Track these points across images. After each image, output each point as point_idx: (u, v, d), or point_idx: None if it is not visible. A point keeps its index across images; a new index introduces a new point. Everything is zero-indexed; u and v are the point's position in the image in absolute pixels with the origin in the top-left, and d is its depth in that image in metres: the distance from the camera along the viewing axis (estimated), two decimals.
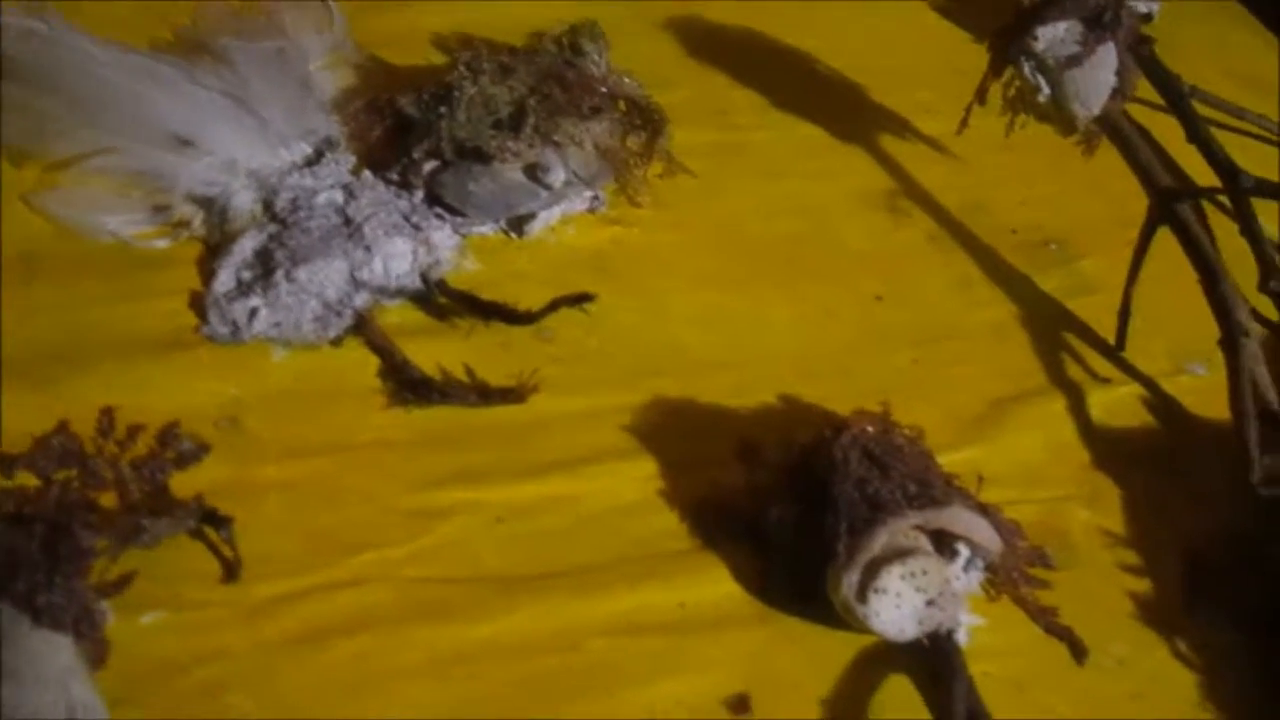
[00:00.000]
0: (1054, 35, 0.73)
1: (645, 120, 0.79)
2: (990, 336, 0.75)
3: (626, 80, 0.79)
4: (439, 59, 0.83)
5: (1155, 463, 0.70)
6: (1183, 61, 1.02)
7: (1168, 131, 0.90)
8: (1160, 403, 0.74)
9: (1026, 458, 0.68)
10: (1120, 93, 0.75)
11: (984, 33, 0.85)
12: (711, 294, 0.73)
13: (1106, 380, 0.74)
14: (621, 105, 0.79)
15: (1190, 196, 0.71)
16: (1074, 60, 0.73)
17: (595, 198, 0.75)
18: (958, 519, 0.56)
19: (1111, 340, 0.77)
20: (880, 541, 0.55)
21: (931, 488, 0.57)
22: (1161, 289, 0.77)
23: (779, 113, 0.87)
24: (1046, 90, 0.74)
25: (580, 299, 0.64)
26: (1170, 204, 0.72)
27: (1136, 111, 0.97)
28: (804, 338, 0.72)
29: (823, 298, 0.74)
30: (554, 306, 0.65)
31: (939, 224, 0.82)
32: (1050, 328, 0.77)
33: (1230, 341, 0.68)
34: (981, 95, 0.79)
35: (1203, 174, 0.80)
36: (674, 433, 0.65)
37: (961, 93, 0.83)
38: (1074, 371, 0.74)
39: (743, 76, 0.89)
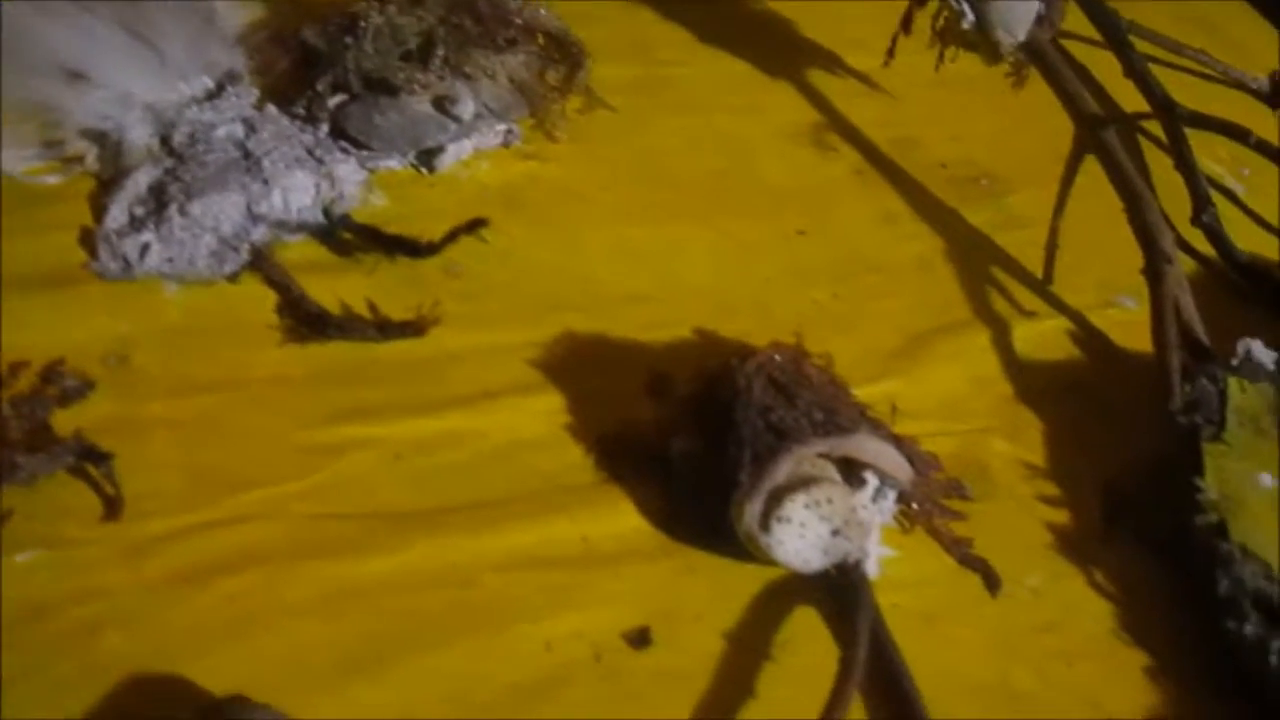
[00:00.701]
0: None
1: (564, 54, 0.77)
2: (914, 270, 0.74)
3: (544, 13, 0.77)
4: None
5: (1079, 395, 0.68)
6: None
7: (1108, 68, 0.90)
8: (1087, 335, 0.72)
9: (947, 390, 0.67)
10: (1047, 20, 0.74)
11: None
12: (628, 229, 0.71)
13: (1033, 314, 0.73)
14: (540, 39, 0.77)
15: (1115, 123, 0.70)
16: None
17: (509, 132, 0.73)
18: (864, 447, 0.55)
19: (1040, 274, 0.76)
20: (784, 470, 0.53)
21: (838, 415, 0.55)
22: (1094, 224, 0.76)
23: (705, 48, 0.85)
24: (971, 17, 0.73)
25: (475, 224, 0.62)
26: (1096, 131, 0.70)
27: (1075, 48, 0.97)
28: (721, 272, 0.70)
29: (743, 233, 0.73)
30: (453, 236, 0.63)
31: (866, 159, 0.81)
32: (977, 262, 0.75)
33: (1153, 269, 0.67)
34: (906, 24, 0.77)
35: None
36: (583, 367, 0.63)
37: (895, 28, 0.81)
38: (1000, 305, 0.73)
39: (669, 12, 0.87)
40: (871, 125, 0.83)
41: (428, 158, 0.71)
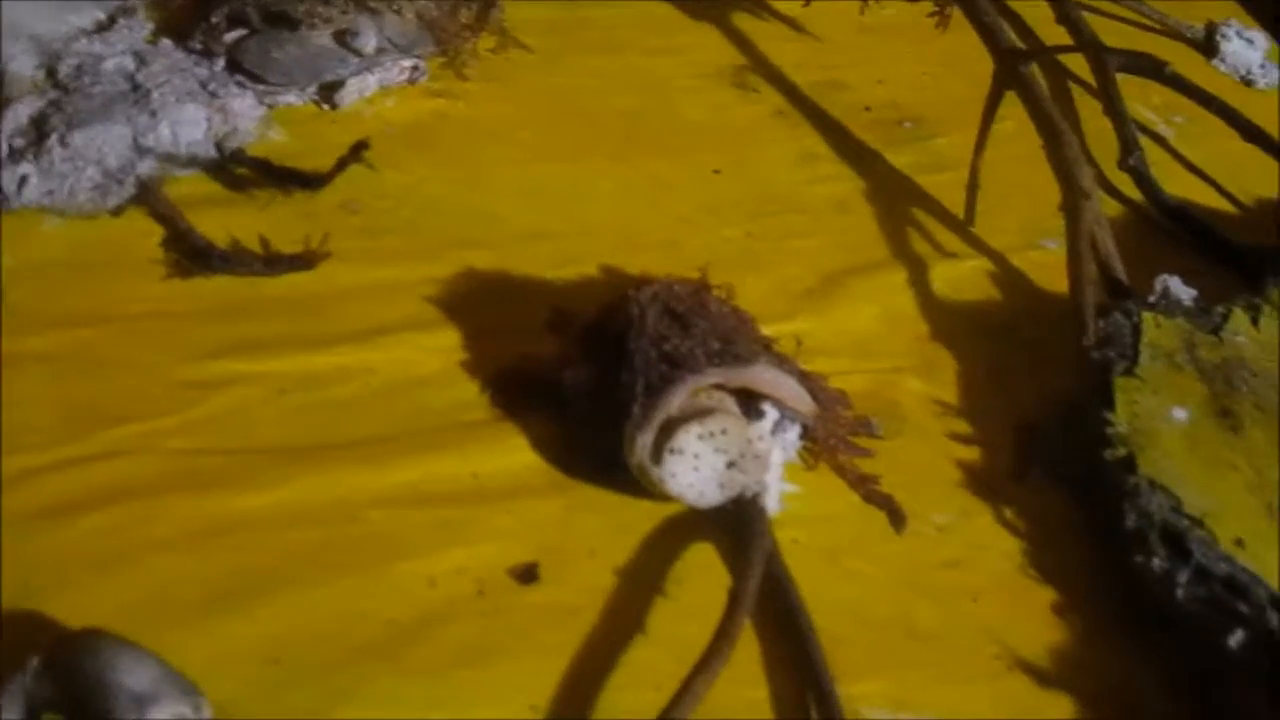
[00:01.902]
0: None
1: None
2: (832, 211, 0.72)
3: None
4: None
5: (995, 334, 0.67)
6: None
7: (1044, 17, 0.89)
8: (1007, 276, 0.71)
9: (860, 329, 0.65)
10: None
11: None
12: (537, 166, 0.69)
13: (953, 254, 0.71)
14: None
15: (1033, 56, 0.68)
16: None
17: (415, 68, 0.71)
18: (761, 377, 0.53)
19: (962, 216, 0.75)
20: (677, 400, 0.52)
21: (735, 346, 0.53)
22: (1020, 166, 0.74)
23: None
24: None
25: (358, 148, 0.60)
26: (1015, 66, 0.69)
27: None
28: (631, 210, 0.68)
29: (656, 171, 0.71)
30: (341, 165, 0.61)
31: (789, 100, 0.79)
32: (898, 203, 0.74)
33: (1071, 205, 0.65)
34: None
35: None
36: (483, 304, 0.61)
37: None
38: (919, 246, 0.71)
39: None
40: (795, 68, 0.81)
41: (329, 93, 0.68)
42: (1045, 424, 0.62)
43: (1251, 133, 0.81)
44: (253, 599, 0.48)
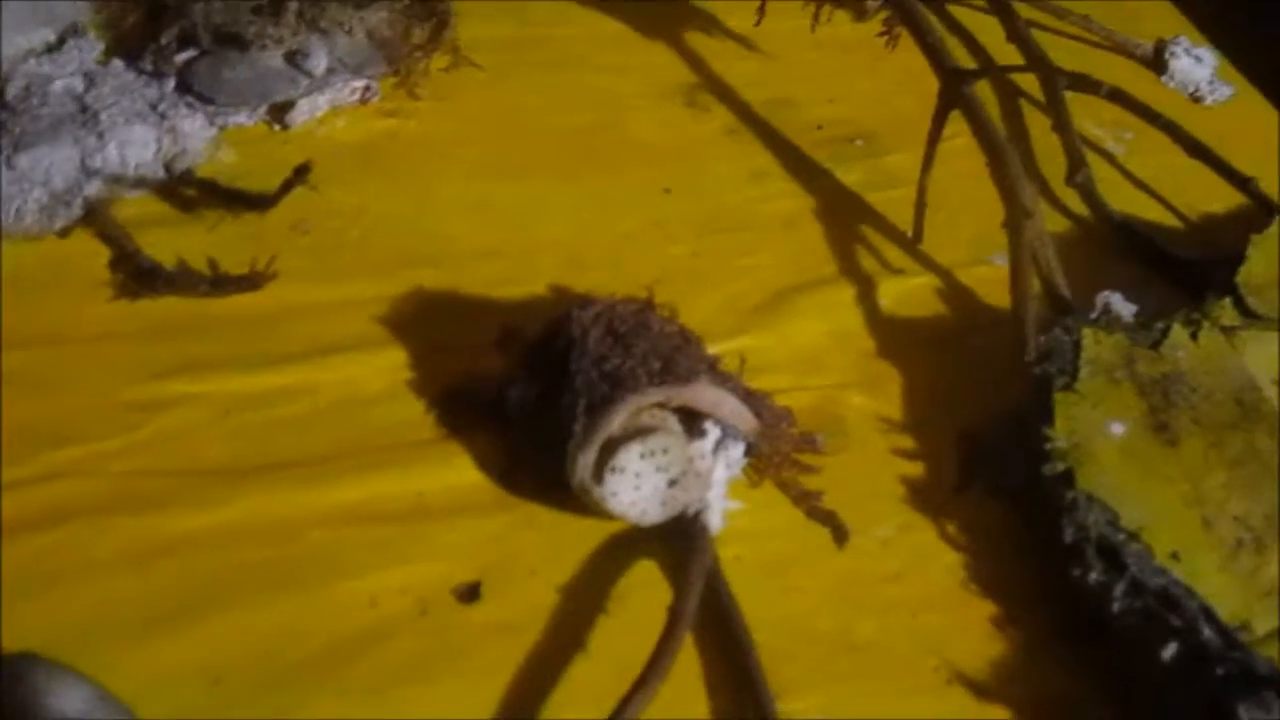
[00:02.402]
0: None
1: (430, 12, 0.76)
2: (781, 228, 0.73)
3: None
4: None
5: (941, 349, 0.67)
6: None
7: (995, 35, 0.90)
8: (954, 292, 0.72)
9: (806, 345, 0.66)
10: None
11: None
12: (487, 185, 0.70)
13: (900, 271, 0.72)
14: None
15: (977, 76, 0.69)
16: None
17: (367, 88, 0.71)
18: (701, 396, 0.53)
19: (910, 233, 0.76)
20: (618, 419, 0.52)
21: (676, 365, 0.54)
22: (970, 183, 0.74)
23: (580, 9, 0.84)
24: None
25: (300, 171, 0.61)
26: (959, 86, 0.70)
27: (961, 14, 0.96)
28: (580, 228, 0.69)
29: (606, 189, 0.71)
30: (285, 188, 0.61)
31: (739, 118, 0.79)
32: (847, 220, 0.74)
33: (1013, 222, 0.66)
34: None
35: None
36: (430, 323, 0.62)
37: None
38: (867, 263, 0.72)
39: None
40: (747, 86, 0.82)
41: (280, 113, 0.69)
42: (988, 438, 0.63)
43: (1196, 149, 0.82)
44: (193, 619, 0.49)
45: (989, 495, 0.61)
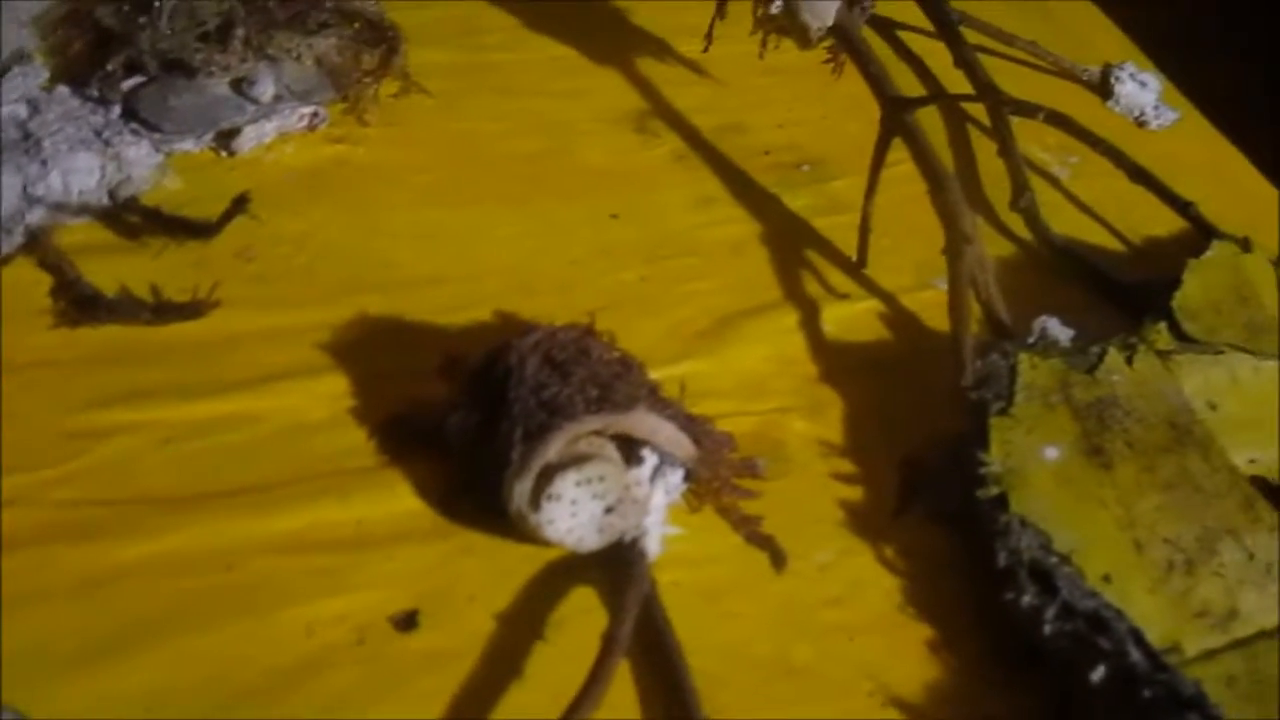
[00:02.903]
0: None
1: (380, 39, 0.76)
2: (727, 254, 0.73)
3: None
4: None
5: (883, 373, 0.68)
6: None
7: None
8: (898, 316, 0.73)
9: (749, 370, 0.66)
10: (858, 4, 0.74)
11: None
12: (434, 211, 0.70)
13: (845, 296, 0.73)
14: (356, 23, 0.76)
15: (917, 104, 0.70)
16: None
17: (315, 115, 0.72)
18: (639, 423, 0.54)
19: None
20: (555, 447, 0.53)
21: (613, 392, 0.54)
22: (915, 207, 0.75)
23: (531, 34, 0.85)
24: (779, 1, 0.73)
25: (240, 201, 0.61)
26: (900, 113, 0.71)
27: (910, 38, 0.98)
28: (526, 254, 0.69)
29: (554, 215, 0.72)
30: (226, 218, 0.61)
31: (689, 144, 0.80)
32: (793, 245, 0.75)
33: (953, 249, 0.67)
34: (721, 9, 0.78)
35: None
36: (374, 350, 0.62)
37: (733, 15, 0.81)
38: (812, 287, 0.73)
39: None
40: (697, 111, 0.83)
41: (226, 140, 0.69)
42: (926, 462, 0.64)
43: (1137, 173, 0.84)
44: (130, 649, 0.49)
45: (928, 520, 0.61)
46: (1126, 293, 0.78)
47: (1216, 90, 1.11)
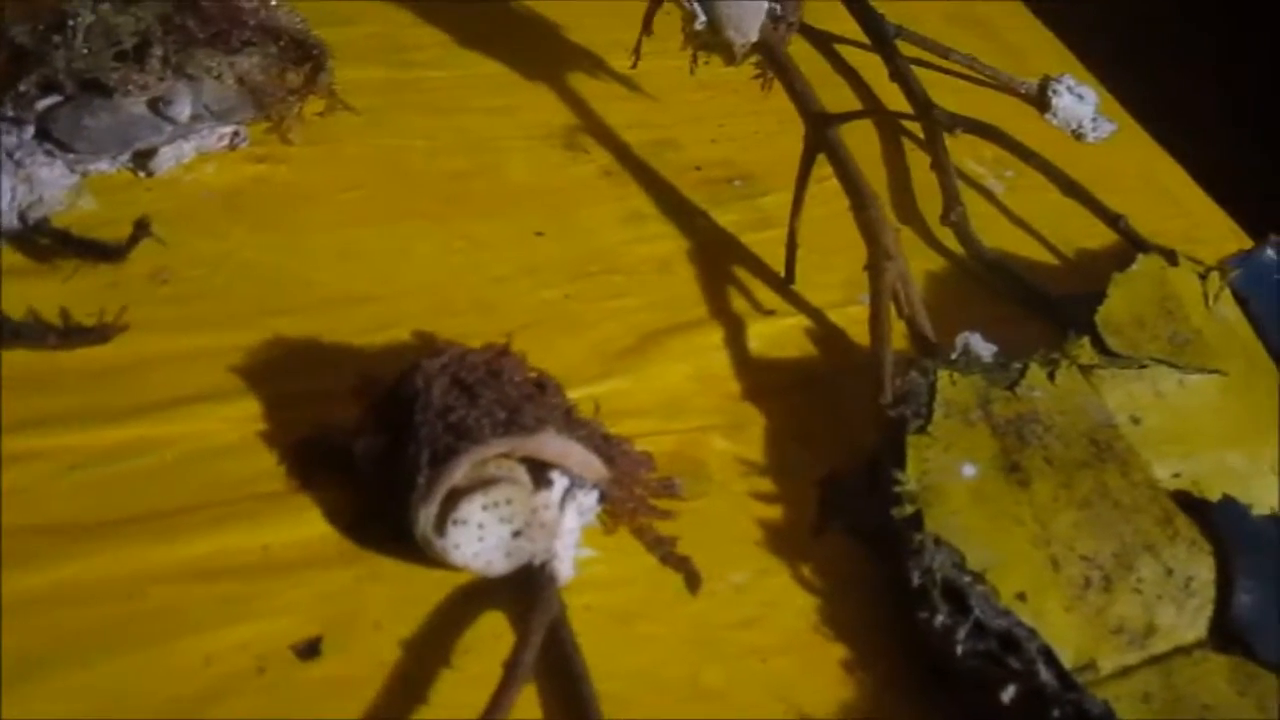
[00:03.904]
0: None
1: (305, 56, 0.76)
2: (654, 271, 0.73)
3: (283, 14, 0.75)
4: None
5: (808, 390, 0.68)
6: (901, 2, 1.04)
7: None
8: (824, 332, 0.73)
9: (671, 389, 0.66)
10: (783, 20, 0.74)
11: None
12: (355, 230, 0.69)
13: (772, 312, 0.73)
14: (281, 40, 0.75)
15: (841, 119, 0.70)
16: None
17: (235, 134, 0.71)
18: (546, 446, 0.54)
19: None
20: (460, 471, 0.52)
21: (521, 415, 0.54)
22: (843, 222, 0.75)
23: (462, 50, 0.84)
24: (703, 17, 0.73)
25: (139, 227, 0.60)
26: (823, 129, 0.71)
27: (847, 51, 0.98)
28: (449, 272, 0.68)
29: (477, 233, 0.71)
30: (132, 240, 0.61)
31: (619, 160, 0.80)
32: (721, 262, 0.75)
33: (875, 266, 0.67)
34: (647, 24, 0.77)
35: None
36: (289, 372, 0.61)
37: (666, 31, 0.81)
38: (739, 304, 0.73)
39: (428, 13, 0.86)
40: (628, 127, 0.83)
41: (144, 160, 0.68)
42: (845, 480, 0.63)
43: (1069, 186, 0.84)
44: (26, 683, 0.48)
45: (847, 538, 0.62)
46: (1056, 306, 0.79)
47: (1167, 97, 1.12)
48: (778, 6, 0.73)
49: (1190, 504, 0.65)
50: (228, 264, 0.66)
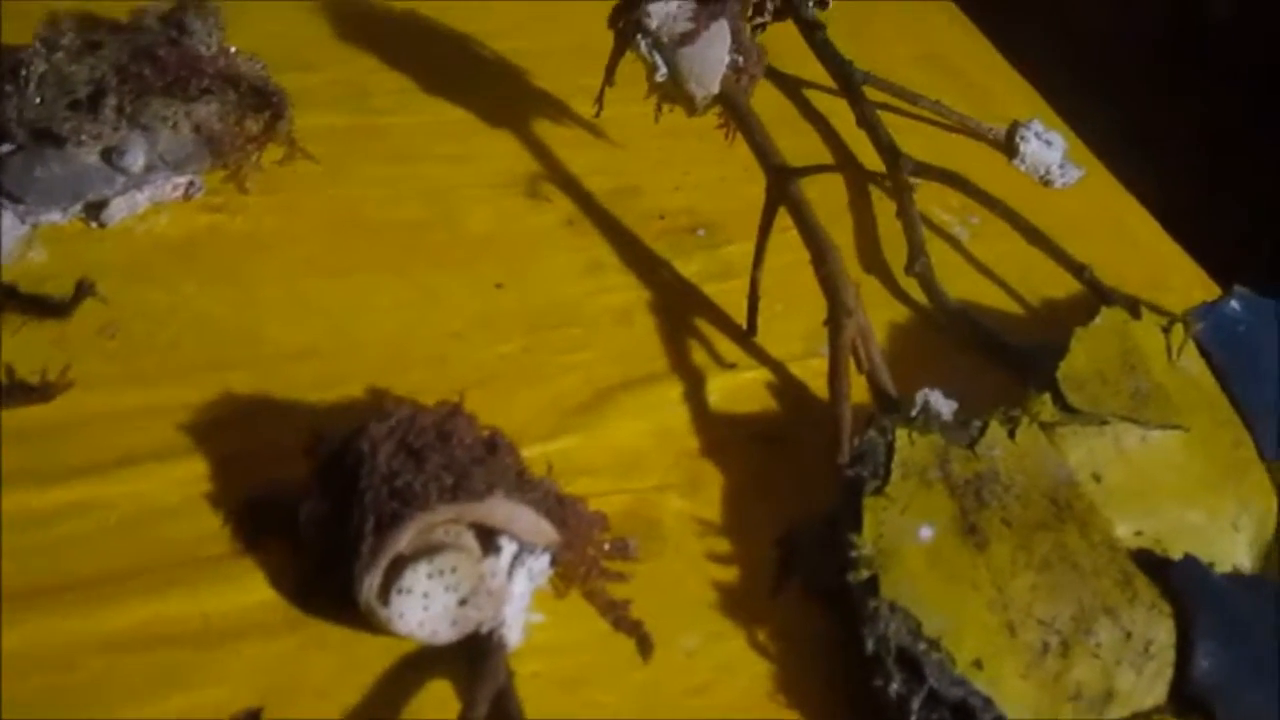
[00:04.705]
0: (666, 12, 0.71)
1: (264, 104, 0.75)
2: (614, 323, 0.72)
3: (243, 61, 0.75)
4: None
5: (765, 445, 0.67)
6: (871, 45, 1.04)
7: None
8: (785, 385, 0.72)
9: (627, 446, 0.65)
10: (746, 72, 0.73)
11: None
12: (309, 282, 0.68)
13: (732, 365, 0.72)
14: (240, 88, 0.75)
15: (800, 174, 0.70)
16: (687, 38, 0.71)
17: (191, 184, 0.70)
18: (494, 512, 0.53)
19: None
20: (405, 538, 0.51)
21: (470, 479, 0.53)
22: (805, 273, 0.74)
23: (424, 96, 0.84)
24: (664, 69, 0.72)
25: (81, 286, 0.59)
26: (784, 183, 0.70)
27: (815, 96, 0.98)
28: (404, 326, 0.68)
29: (434, 285, 0.71)
30: (76, 300, 0.60)
31: (581, 209, 0.79)
32: (682, 313, 0.75)
33: (834, 321, 0.67)
34: (609, 75, 0.77)
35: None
36: (236, 430, 0.60)
37: (632, 77, 0.81)
38: (699, 356, 0.72)
39: (392, 59, 0.86)
40: (592, 174, 0.82)
41: (96, 211, 0.67)
42: (803, 541, 0.63)
43: (1034, 235, 0.84)
44: None
45: (803, 598, 0.61)
46: (1019, 357, 0.78)
47: (1138, 132, 1.12)
48: (739, 58, 0.72)
49: (1151, 563, 0.65)
50: (177, 317, 0.65)
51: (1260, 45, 1.24)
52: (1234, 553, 0.69)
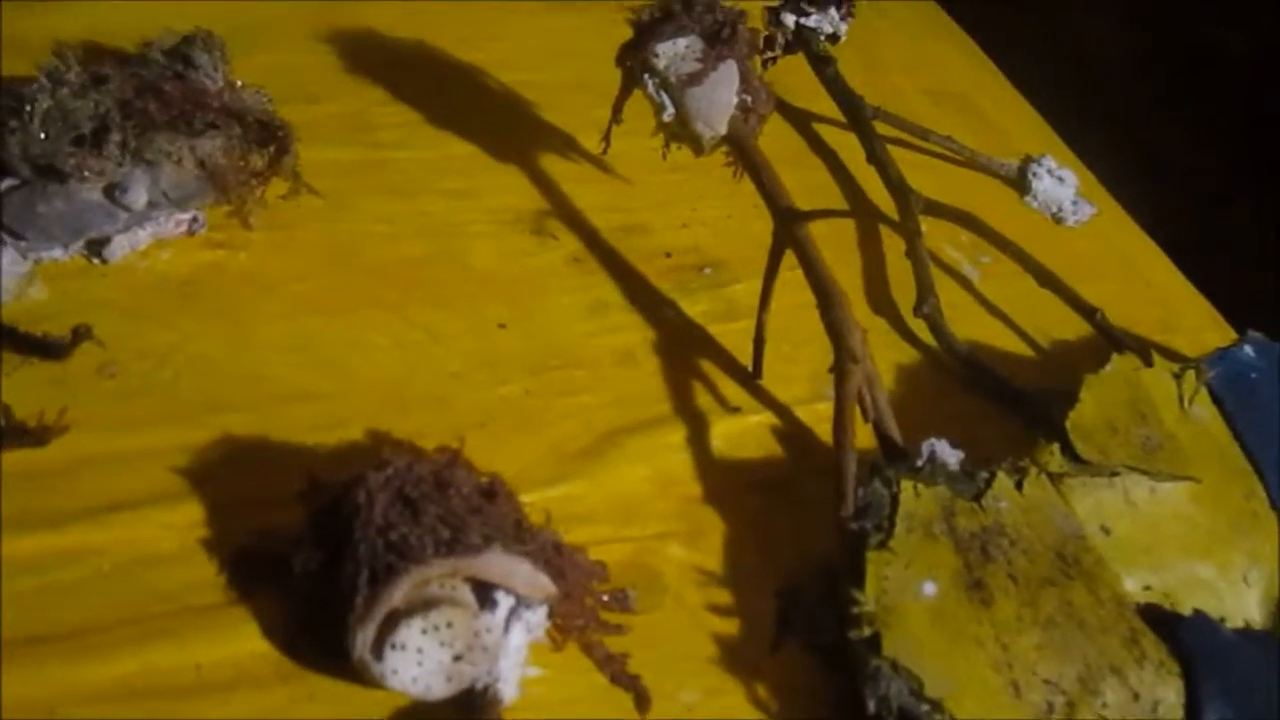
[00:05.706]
0: (674, 52, 0.71)
1: (270, 138, 0.74)
2: (617, 364, 0.71)
3: (248, 95, 0.74)
4: None
5: (769, 492, 0.67)
6: (882, 79, 1.03)
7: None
8: (790, 430, 0.71)
9: (628, 493, 0.64)
10: (754, 112, 0.73)
11: None
12: (310, 320, 0.68)
13: (737, 409, 0.71)
14: (245, 122, 0.74)
15: (807, 217, 0.69)
16: (694, 78, 0.70)
17: (194, 220, 0.70)
18: (490, 567, 0.52)
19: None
20: (399, 592, 0.51)
21: (467, 533, 0.52)
22: (812, 314, 0.73)
23: (431, 129, 0.83)
24: (671, 109, 0.72)
25: (77, 333, 0.59)
26: (791, 226, 0.69)
27: (825, 131, 0.97)
28: (404, 367, 0.67)
29: (436, 324, 0.70)
30: (73, 344, 0.59)
31: (587, 246, 0.79)
32: (686, 354, 0.74)
33: (839, 368, 0.66)
34: (617, 113, 0.76)
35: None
36: (233, 475, 0.59)
37: (641, 110, 0.80)
38: (703, 400, 0.71)
39: (399, 91, 0.85)
40: (599, 211, 0.81)
41: (98, 247, 0.67)
42: (804, 594, 0.62)
43: (1045, 277, 0.83)
44: None
45: (805, 653, 0.60)
46: (1027, 402, 0.77)
47: (1154, 164, 1.11)
48: (747, 98, 0.72)
49: (1161, 619, 0.64)
50: (177, 357, 0.64)
51: (1277, 80, 1.23)
52: (1245, 607, 0.68)
